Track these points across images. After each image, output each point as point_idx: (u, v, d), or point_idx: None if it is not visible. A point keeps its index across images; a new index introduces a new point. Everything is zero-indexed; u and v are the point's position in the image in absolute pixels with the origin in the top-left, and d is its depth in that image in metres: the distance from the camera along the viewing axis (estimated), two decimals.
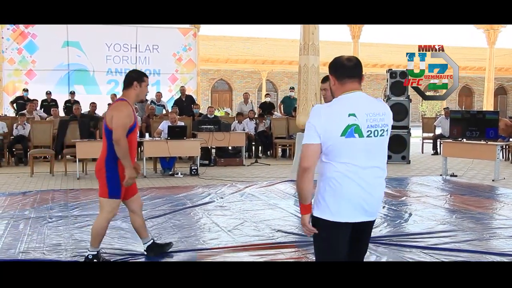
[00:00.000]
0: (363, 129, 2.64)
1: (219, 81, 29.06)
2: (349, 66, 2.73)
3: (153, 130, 11.47)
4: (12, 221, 6.03)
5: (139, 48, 17.29)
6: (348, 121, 2.62)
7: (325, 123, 2.61)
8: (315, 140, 2.63)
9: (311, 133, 2.64)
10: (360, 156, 2.67)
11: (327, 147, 2.65)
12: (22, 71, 16.27)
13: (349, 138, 2.62)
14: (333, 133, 2.61)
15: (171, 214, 6.50)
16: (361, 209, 2.71)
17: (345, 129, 2.61)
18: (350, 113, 2.63)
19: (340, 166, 2.66)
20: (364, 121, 2.65)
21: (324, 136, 2.62)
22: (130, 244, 5.16)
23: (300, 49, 9.74)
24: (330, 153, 2.66)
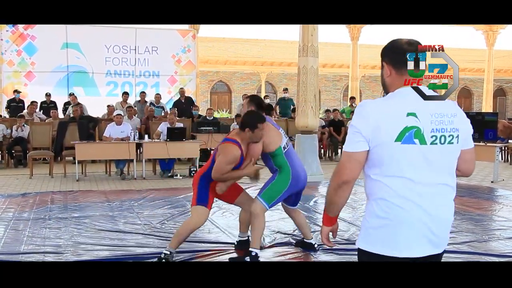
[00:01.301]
0: (425, 134, 2.05)
1: (218, 83, 29.04)
2: (410, 51, 2.11)
3: (152, 131, 11.47)
4: (11, 223, 6.03)
5: (138, 49, 17.27)
6: (407, 123, 2.04)
7: (375, 123, 2.04)
8: (361, 146, 2.08)
9: (354, 138, 2.09)
10: (422, 170, 2.07)
11: (377, 156, 2.08)
12: (21, 73, 16.25)
13: (407, 145, 2.04)
14: (386, 137, 2.04)
15: (171, 215, 6.50)
16: (425, 240, 2.10)
17: (401, 132, 2.03)
18: (409, 112, 2.04)
19: (394, 183, 2.08)
20: (427, 123, 2.06)
21: (373, 141, 2.05)
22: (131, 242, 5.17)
23: (299, 51, 9.76)
24: (381, 165, 2.08)
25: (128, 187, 8.90)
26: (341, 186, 2.14)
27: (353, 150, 2.10)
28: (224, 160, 4.33)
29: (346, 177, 2.12)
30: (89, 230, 5.72)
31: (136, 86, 17.13)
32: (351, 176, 2.12)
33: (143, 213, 6.62)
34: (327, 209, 2.28)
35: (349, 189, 2.16)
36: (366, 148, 2.08)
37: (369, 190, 2.18)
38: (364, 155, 2.10)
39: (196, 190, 4.53)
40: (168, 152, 9.94)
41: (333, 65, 25.89)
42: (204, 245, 5.23)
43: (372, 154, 2.09)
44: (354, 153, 2.10)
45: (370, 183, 2.16)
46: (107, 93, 16.87)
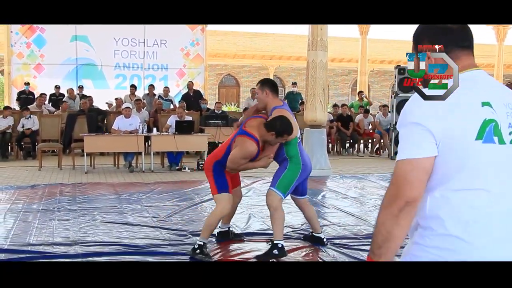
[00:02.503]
0: (503, 130, 1.55)
1: (227, 76, 29.04)
2: (458, 29, 1.66)
3: (160, 124, 11.50)
4: (21, 214, 6.07)
5: (147, 42, 17.28)
6: (484, 114, 1.53)
7: (447, 116, 1.51)
8: (430, 150, 1.52)
9: (419, 138, 1.52)
10: (504, 179, 1.54)
11: (447, 164, 1.53)
12: (30, 65, 16.31)
13: (489, 145, 1.52)
14: (463, 135, 1.50)
15: (179, 208, 6.52)
16: None
17: (482, 126, 1.51)
18: (484, 101, 1.55)
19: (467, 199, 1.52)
20: (504, 116, 1.56)
21: (445, 140, 1.51)
22: (136, 238, 5.18)
23: (308, 45, 9.73)
24: (450, 175, 1.53)
25: (136, 179, 8.92)
26: (404, 210, 1.52)
27: (419, 156, 1.51)
28: (240, 154, 4.37)
29: (411, 194, 1.52)
30: (97, 222, 5.74)
31: (145, 79, 17.16)
32: (417, 192, 1.52)
33: (151, 206, 6.65)
34: (379, 252, 1.59)
35: (412, 216, 1.56)
36: (435, 152, 1.52)
37: (422, 211, 1.59)
38: (432, 163, 1.53)
39: (212, 179, 4.55)
40: (177, 145, 9.96)
41: (342, 60, 25.83)
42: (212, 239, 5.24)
43: (439, 162, 1.53)
44: (421, 160, 1.51)
45: (428, 201, 1.58)
46: (115, 86, 16.92)
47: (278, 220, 4.50)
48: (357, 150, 13.92)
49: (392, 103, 12.48)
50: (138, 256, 4.59)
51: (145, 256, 4.59)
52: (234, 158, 4.38)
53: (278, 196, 4.51)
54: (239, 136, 4.46)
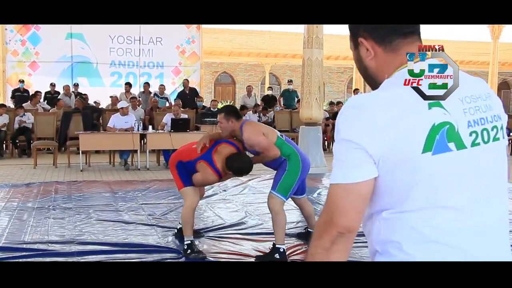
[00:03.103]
0: (461, 132, 1.30)
1: (222, 74, 29.01)
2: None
3: (156, 122, 11.48)
4: (15, 213, 6.05)
5: (142, 40, 17.23)
6: (433, 119, 1.27)
7: (386, 130, 1.24)
8: (367, 172, 1.26)
9: (354, 159, 1.26)
10: (466, 192, 1.30)
11: (394, 184, 1.28)
12: (25, 62, 16.24)
13: (441, 155, 1.26)
14: (406, 150, 1.24)
15: (175, 206, 6.51)
16: None
17: (429, 135, 1.25)
18: (431, 102, 1.29)
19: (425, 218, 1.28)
20: (460, 114, 1.31)
21: (388, 160, 1.25)
22: (133, 236, 5.18)
23: (304, 42, 9.72)
24: (401, 196, 1.28)
25: (131, 177, 8.91)
26: (337, 241, 1.29)
27: (353, 180, 1.26)
28: (201, 181, 4.59)
29: (344, 223, 1.28)
30: (93, 220, 5.73)
31: (140, 77, 17.11)
32: (353, 221, 1.28)
33: (147, 204, 6.64)
34: None
35: (349, 247, 1.32)
36: (375, 173, 1.27)
37: (376, 235, 1.36)
38: (371, 187, 1.28)
39: (176, 174, 4.66)
40: (172, 143, 9.94)
41: (338, 57, 25.83)
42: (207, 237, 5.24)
43: (385, 182, 1.28)
44: (358, 184, 1.26)
45: (379, 225, 1.34)
46: (111, 84, 16.87)
47: (280, 224, 4.45)
48: None
49: None
50: (134, 254, 4.59)
51: (140, 254, 4.59)
52: (196, 181, 4.58)
53: (279, 199, 4.43)
54: (202, 162, 4.50)
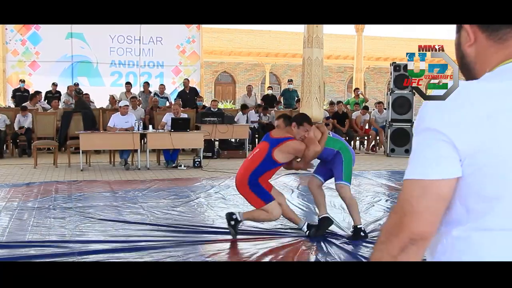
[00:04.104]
0: None
1: (223, 74, 29.01)
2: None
3: (156, 122, 11.48)
4: (16, 212, 6.05)
5: (142, 40, 17.23)
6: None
7: (479, 124, 1.05)
8: (450, 169, 1.07)
9: (435, 152, 1.08)
10: None
11: (479, 190, 1.07)
12: (25, 62, 16.25)
13: None
14: (504, 153, 1.04)
15: (175, 206, 6.51)
16: None
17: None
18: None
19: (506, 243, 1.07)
20: None
21: (477, 159, 1.06)
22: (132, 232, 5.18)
23: (304, 42, 9.73)
24: (483, 207, 1.08)
25: (132, 177, 8.92)
26: (407, 250, 1.10)
27: (433, 177, 1.07)
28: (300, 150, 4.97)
29: (418, 228, 1.09)
30: (93, 220, 5.73)
31: (141, 76, 17.11)
32: (428, 227, 1.09)
33: (147, 203, 6.64)
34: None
35: (422, 253, 1.12)
36: (459, 173, 1.07)
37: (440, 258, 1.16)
38: (452, 187, 1.09)
39: (252, 192, 4.90)
40: (172, 143, 9.95)
41: (338, 57, 25.85)
42: (208, 237, 5.24)
43: (466, 187, 1.09)
44: (438, 182, 1.07)
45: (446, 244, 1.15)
46: (111, 83, 16.87)
47: (355, 207, 5.10)
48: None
49: (388, 100, 12.51)
50: (135, 253, 4.59)
51: (141, 253, 4.59)
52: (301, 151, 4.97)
53: (347, 186, 5.05)
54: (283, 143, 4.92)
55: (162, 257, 4.53)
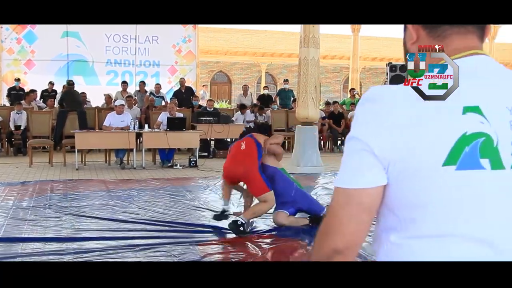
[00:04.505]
0: (502, 148, 1.04)
1: (218, 73, 28.99)
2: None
3: (152, 121, 11.47)
4: (11, 211, 6.03)
5: (138, 39, 17.21)
6: (465, 126, 1.03)
7: (401, 130, 1.03)
8: (373, 179, 1.05)
9: (359, 162, 1.06)
10: (492, 223, 1.04)
11: (403, 199, 1.06)
12: (21, 61, 16.21)
13: (467, 172, 1.02)
14: (424, 158, 1.02)
15: (171, 205, 6.51)
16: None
17: (456, 146, 1.02)
18: (467, 105, 1.05)
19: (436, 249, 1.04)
20: (504, 126, 1.05)
21: (398, 166, 1.04)
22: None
23: (300, 42, 9.73)
24: (409, 212, 1.06)
25: (127, 176, 8.91)
26: (334, 257, 1.08)
27: (356, 186, 1.06)
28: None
29: (339, 240, 1.08)
30: (89, 219, 5.73)
31: (136, 76, 17.09)
32: (348, 239, 1.08)
33: (143, 203, 6.64)
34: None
35: (351, 259, 1.10)
36: (383, 180, 1.06)
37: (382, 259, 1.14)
38: (377, 196, 1.07)
39: (261, 179, 5.19)
40: (168, 142, 9.94)
41: (334, 57, 25.88)
42: (204, 236, 5.24)
43: (395, 193, 1.07)
44: (359, 191, 1.06)
45: (386, 249, 1.12)
46: (107, 82, 16.85)
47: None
48: None
49: None
50: (130, 252, 4.58)
51: (137, 252, 4.58)
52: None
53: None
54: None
55: (157, 256, 4.52)
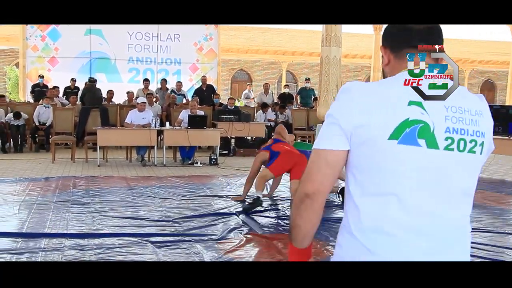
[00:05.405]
0: (437, 134, 1.39)
1: (239, 71, 29.03)
2: (417, 29, 1.50)
3: (173, 119, 11.53)
4: (35, 206, 6.12)
5: (160, 37, 17.32)
6: (408, 114, 1.38)
7: (360, 111, 1.39)
8: (337, 143, 1.43)
9: (329, 131, 1.44)
10: (424, 188, 1.39)
11: (360, 162, 1.42)
12: (45, 58, 16.41)
13: (407, 147, 1.37)
14: (375, 132, 1.38)
15: (191, 202, 6.54)
16: None
17: (400, 126, 1.37)
18: (412, 100, 1.40)
19: (374, 207, 1.40)
20: (440, 119, 1.41)
21: (357, 136, 1.40)
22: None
23: (322, 40, 9.69)
24: (364, 176, 1.42)
25: (148, 173, 8.97)
26: (304, 202, 1.46)
27: (324, 147, 1.43)
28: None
29: (310, 186, 1.44)
30: (110, 216, 5.78)
31: (158, 73, 17.20)
32: (316, 186, 1.44)
33: (164, 200, 6.68)
34: (290, 236, 1.56)
35: (315, 209, 1.47)
36: (345, 146, 1.42)
37: (344, 207, 1.52)
38: (340, 157, 1.43)
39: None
40: (189, 140, 9.99)
41: (355, 56, 25.74)
42: (225, 234, 5.26)
43: (354, 158, 1.43)
44: (326, 151, 1.43)
45: (347, 208, 1.49)
46: (129, 80, 16.98)
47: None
48: None
49: None
50: (151, 249, 4.62)
51: (157, 249, 4.61)
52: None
53: None
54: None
55: (178, 253, 4.55)
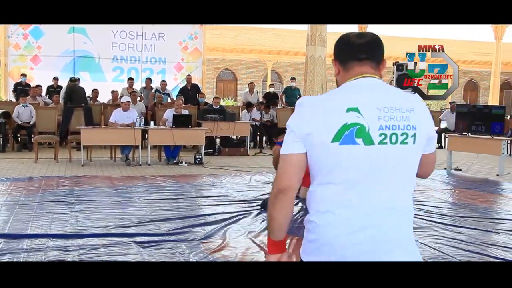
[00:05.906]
0: (372, 132, 1.72)
1: (224, 71, 29.01)
2: (358, 44, 1.84)
3: (158, 118, 11.47)
4: (17, 207, 6.05)
5: (145, 35, 17.21)
6: (346, 119, 1.72)
7: (309, 122, 1.75)
8: (296, 148, 1.78)
9: (289, 139, 1.81)
10: (363, 176, 1.75)
11: (314, 161, 1.79)
12: (27, 56, 16.22)
13: (347, 146, 1.72)
14: (322, 138, 1.74)
15: (176, 202, 6.51)
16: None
17: (339, 130, 1.72)
18: (350, 107, 1.73)
19: (325, 194, 1.79)
20: (374, 119, 1.73)
21: (308, 142, 1.76)
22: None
23: (307, 40, 9.72)
24: (319, 171, 1.80)
25: (133, 173, 8.91)
26: (277, 196, 1.81)
27: (287, 152, 1.79)
28: None
29: (281, 184, 1.80)
30: (94, 215, 5.73)
31: (142, 72, 17.09)
32: (286, 183, 1.79)
33: (148, 199, 6.64)
34: (268, 229, 1.88)
35: (287, 202, 1.81)
36: (302, 150, 1.78)
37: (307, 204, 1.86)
38: (300, 159, 1.79)
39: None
40: (174, 139, 9.95)
41: None
42: (209, 233, 5.24)
43: (310, 158, 1.79)
44: (288, 155, 1.79)
45: (309, 197, 1.85)
46: (113, 79, 16.85)
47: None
48: None
49: None
50: (136, 249, 4.58)
51: (142, 249, 4.58)
52: None
53: None
54: None
55: (162, 253, 4.52)
